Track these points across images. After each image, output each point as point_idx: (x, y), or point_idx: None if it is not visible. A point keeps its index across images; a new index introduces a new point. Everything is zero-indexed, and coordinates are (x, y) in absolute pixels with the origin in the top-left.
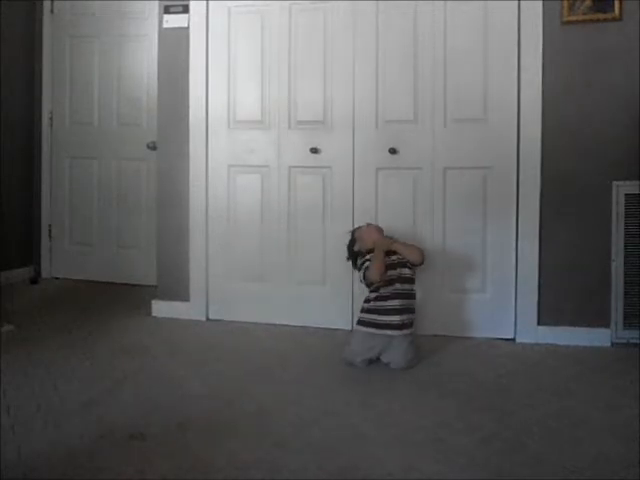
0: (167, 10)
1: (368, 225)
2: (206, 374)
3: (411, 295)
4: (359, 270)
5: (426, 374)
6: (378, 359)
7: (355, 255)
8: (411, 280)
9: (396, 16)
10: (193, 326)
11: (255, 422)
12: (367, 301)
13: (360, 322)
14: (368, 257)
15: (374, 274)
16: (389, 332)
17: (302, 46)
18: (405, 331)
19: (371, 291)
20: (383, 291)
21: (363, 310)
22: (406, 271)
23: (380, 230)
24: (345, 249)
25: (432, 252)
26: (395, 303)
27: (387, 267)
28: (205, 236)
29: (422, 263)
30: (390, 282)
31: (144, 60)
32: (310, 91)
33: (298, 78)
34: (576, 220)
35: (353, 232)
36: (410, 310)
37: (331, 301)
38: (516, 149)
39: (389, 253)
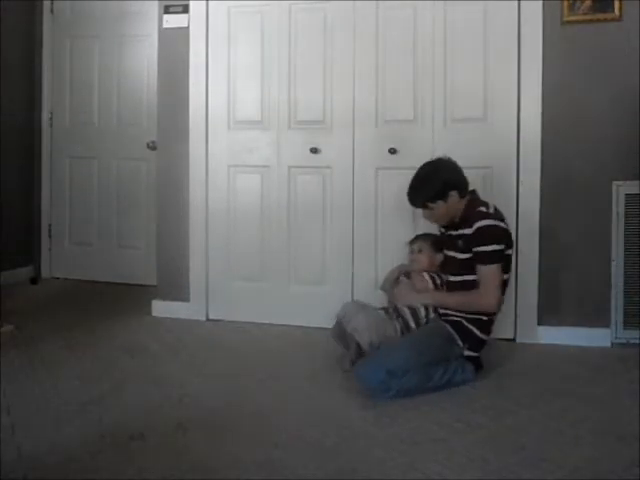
0: (167, 10)
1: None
2: (206, 374)
3: None
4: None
5: None
6: None
7: None
8: None
9: (396, 16)
10: (193, 326)
11: (255, 422)
12: None
13: None
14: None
15: None
16: None
17: (302, 46)
18: None
19: None
20: None
21: None
22: None
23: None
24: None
25: None
26: None
27: None
28: (205, 236)
29: None
30: None
31: (144, 60)
32: (310, 91)
33: (298, 78)
34: (576, 220)
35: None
36: None
37: (331, 301)
38: (516, 149)
39: None
